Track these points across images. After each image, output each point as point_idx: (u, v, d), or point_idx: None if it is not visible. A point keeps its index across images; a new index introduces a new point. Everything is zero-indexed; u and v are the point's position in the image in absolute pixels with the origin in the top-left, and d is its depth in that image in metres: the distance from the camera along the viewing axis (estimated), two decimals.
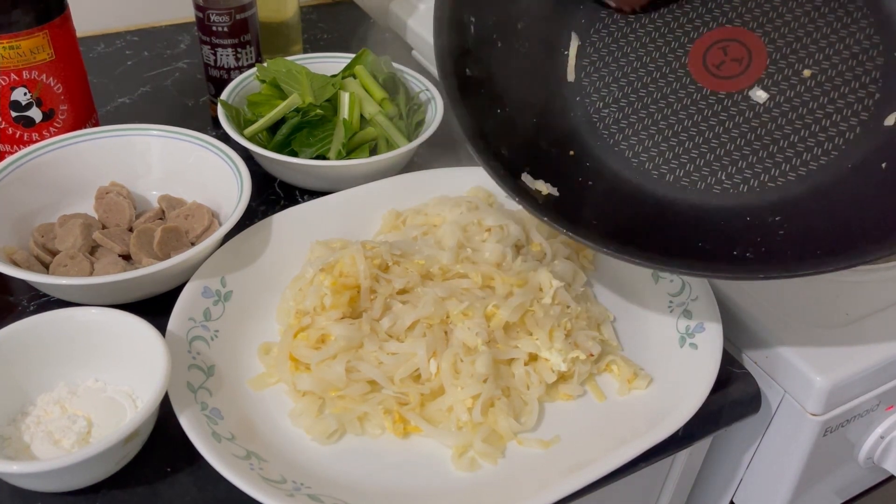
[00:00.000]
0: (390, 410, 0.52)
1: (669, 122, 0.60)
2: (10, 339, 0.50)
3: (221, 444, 0.48)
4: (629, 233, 0.55)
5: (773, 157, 0.57)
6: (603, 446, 0.51)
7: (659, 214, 0.58)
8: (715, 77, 0.60)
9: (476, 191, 0.69)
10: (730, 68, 0.60)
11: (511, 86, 0.63)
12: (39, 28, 0.63)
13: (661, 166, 0.60)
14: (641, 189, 0.60)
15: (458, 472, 0.51)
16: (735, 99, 0.60)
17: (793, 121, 0.57)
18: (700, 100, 0.61)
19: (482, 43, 0.63)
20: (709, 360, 0.54)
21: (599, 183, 0.61)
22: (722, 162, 0.58)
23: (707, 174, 0.59)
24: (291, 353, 0.54)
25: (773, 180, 0.57)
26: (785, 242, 0.53)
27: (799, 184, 0.56)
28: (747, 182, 0.57)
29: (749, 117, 0.59)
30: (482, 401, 0.52)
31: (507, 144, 0.60)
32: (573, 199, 0.58)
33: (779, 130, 0.58)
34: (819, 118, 0.57)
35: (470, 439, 0.51)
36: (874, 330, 0.59)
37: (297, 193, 0.73)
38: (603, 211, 0.58)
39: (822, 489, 0.67)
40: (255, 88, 0.75)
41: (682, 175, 0.59)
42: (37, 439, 0.48)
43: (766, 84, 0.59)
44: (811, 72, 0.58)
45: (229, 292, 0.59)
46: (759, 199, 0.57)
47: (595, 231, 0.54)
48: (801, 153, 0.57)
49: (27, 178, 0.64)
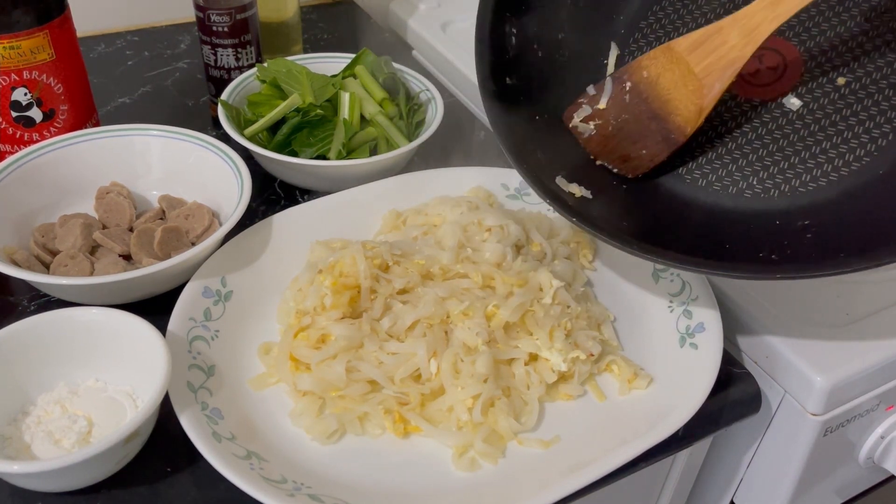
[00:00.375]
0: (390, 410, 0.52)
1: (703, 128, 0.60)
2: (11, 338, 0.50)
3: (222, 444, 0.48)
4: (657, 234, 0.55)
5: (806, 162, 0.58)
6: (603, 446, 0.51)
7: (688, 216, 0.59)
8: (750, 85, 0.61)
9: (476, 191, 0.69)
10: (765, 76, 0.61)
11: (549, 93, 0.64)
12: (40, 28, 0.63)
13: (693, 171, 0.60)
14: (673, 192, 0.61)
15: (458, 472, 0.51)
16: (769, 106, 0.60)
17: (826, 127, 0.58)
18: (734, 107, 0.61)
19: (522, 52, 0.64)
20: (709, 360, 0.55)
21: (632, 186, 0.62)
22: (754, 167, 0.59)
23: (739, 179, 0.59)
24: (292, 353, 0.54)
25: (804, 185, 0.57)
26: (811, 245, 0.53)
27: (830, 188, 0.57)
28: (779, 187, 0.58)
29: (782, 124, 0.59)
30: (482, 401, 0.52)
31: (543, 149, 0.61)
32: (605, 201, 0.59)
33: (811, 137, 0.58)
34: (852, 125, 0.57)
35: (470, 439, 0.51)
36: (874, 330, 0.59)
37: (297, 193, 0.73)
38: (633, 213, 0.59)
39: (823, 489, 0.67)
40: (255, 88, 0.75)
41: (715, 180, 0.60)
42: (37, 439, 0.49)
43: (801, 92, 0.59)
44: (845, 80, 0.58)
45: (230, 292, 0.59)
46: (790, 203, 0.57)
47: (624, 232, 0.55)
48: (833, 159, 0.57)
49: (27, 178, 0.64)
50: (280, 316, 0.59)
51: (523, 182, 0.70)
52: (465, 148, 0.80)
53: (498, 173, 0.71)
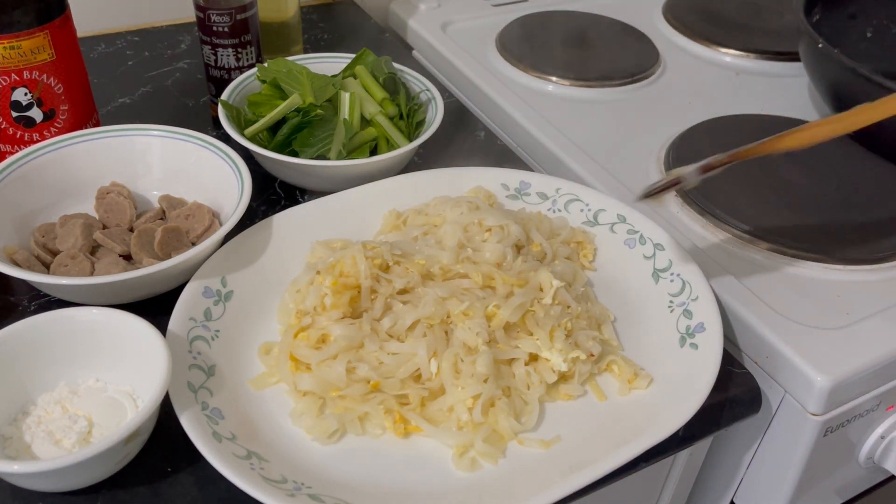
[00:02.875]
0: (391, 410, 0.52)
1: None
2: (12, 338, 0.50)
3: (222, 444, 0.48)
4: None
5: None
6: (603, 446, 0.51)
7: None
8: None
9: (476, 191, 0.69)
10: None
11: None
12: (40, 28, 0.63)
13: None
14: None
15: (458, 472, 0.51)
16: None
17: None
18: None
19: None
20: (709, 360, 0.54)
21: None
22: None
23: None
24: (292, 353, 0.54)
25: None
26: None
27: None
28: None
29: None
30: (483, 401, 0.52)
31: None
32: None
33: None
34: None
35: (471, 439, 0.51)
36: (874, 330, 0.59)
37: (297, 193, 0.73)
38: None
39: (823, 489, 0.67)
40: (255, 88, 0.75)
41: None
42: (38, 439, 0.49)
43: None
44: None
45: (230, 292, 0.59)
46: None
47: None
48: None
49: (28, 178, 0.64)
50: (280, 316, 0.59)
51: (523, 182, 0.70)
52: (466, 148, 0.80)
53: (498, 173, 0.71)
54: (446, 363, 0.53)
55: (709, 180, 0.71)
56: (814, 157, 0.77)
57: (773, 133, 0.81)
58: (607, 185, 0.73)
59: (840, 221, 0.69)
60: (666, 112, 0.86)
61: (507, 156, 0.80)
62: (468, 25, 1.01)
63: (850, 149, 0.78)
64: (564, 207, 0.68)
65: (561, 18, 1.01)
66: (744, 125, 0.81)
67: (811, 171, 0.75)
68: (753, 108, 0.85)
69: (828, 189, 0.73)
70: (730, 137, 0.80)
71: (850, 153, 0.78)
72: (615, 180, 0.73)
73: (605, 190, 0.71)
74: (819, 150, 0.78)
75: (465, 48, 0.95)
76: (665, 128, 0.81)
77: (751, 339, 0.60)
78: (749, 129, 0.81)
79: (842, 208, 0.71)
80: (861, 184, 0.74)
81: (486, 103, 0.87)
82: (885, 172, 0.75)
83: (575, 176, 0.74)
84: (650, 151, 0.78)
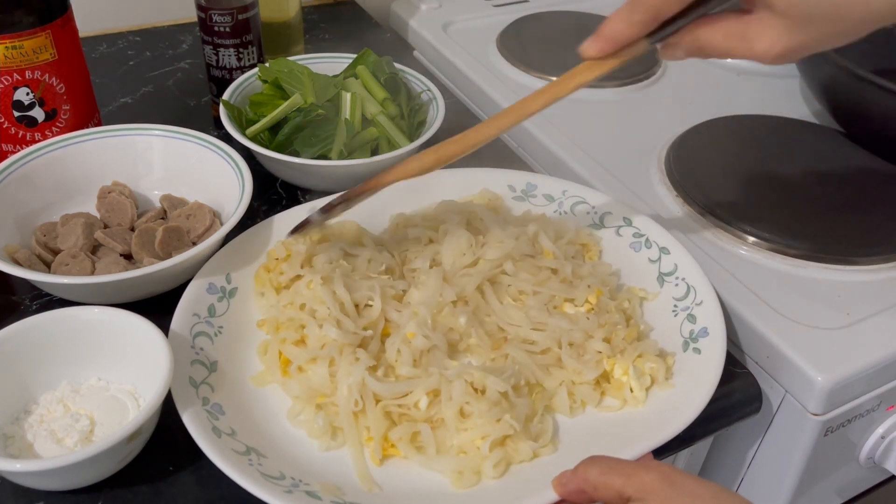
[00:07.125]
0: (371, 439, 0.51)
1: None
2: (13, 338, 0.50)
3: (221, 440, 0.48)
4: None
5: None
6: (604, 449, 0.51)
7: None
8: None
9: (483, 194, 0.68)
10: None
11: None
12: (42, 28, 0.63)
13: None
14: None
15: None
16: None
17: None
18: None
19: None
20: (712, 366, 0.54)
21: None
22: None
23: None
24: (281, 353, 0.54)
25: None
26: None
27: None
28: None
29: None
30: (492, 440, 0.50)
31: None
32: None
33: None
34: None
35: (477, 464, 0.50)
36: (875, 330, 0.59)
37: (298, 193, 0.73)
38: None
39: (823, 489, 0.67)
40: (257, 88, 0.75)
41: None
42: (40, 438, 0.49)
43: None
44: None
45: (234, 289, 0.59)
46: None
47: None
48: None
49: (29, 177, 0.64)
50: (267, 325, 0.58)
51: (530, 184, 0.70)
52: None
53: (503, 174, 0.70)
54: (450, 411, 0.51)
55: (712, 181, 0.72)
56: (815, 158, 0.78)
57: (772, 133, 0.81)
58: (608, 185, 0.73)
59: (840, 221, 0.69)
60: (666, 112, 0.86)
61: (508, 156, 0.80)
62: (469, 25, 1.01)
63: (851, 149, 0.78)
64: (570, 210, 0.68)
65: (562, 19, 1.01)
66: (744, 125, 0.81)
67: (812, 171, 0.75)
68: (753, 109, 0.85)
69: (828, 189, 0.73)
70: (730, 137, 0.80)
71: (851, 153, 0.78)
72: (616, 180, 0.73)
73: (606, 190, 0.71)
74: (819, 151, 0.78)
75: (466, 48, 0.95)
76: (665, 128, 0.81)
77: (751, 339, 0.60)
78: (749, 129, 0.81)
79: (842, 208, 0.71)
80: (861, 184, 0.74)
81: (487, 103, 0.87)
82: (885, 172, 0.75)
83: (575, 176, 0.74)
84: (651, 151, 0.78)
